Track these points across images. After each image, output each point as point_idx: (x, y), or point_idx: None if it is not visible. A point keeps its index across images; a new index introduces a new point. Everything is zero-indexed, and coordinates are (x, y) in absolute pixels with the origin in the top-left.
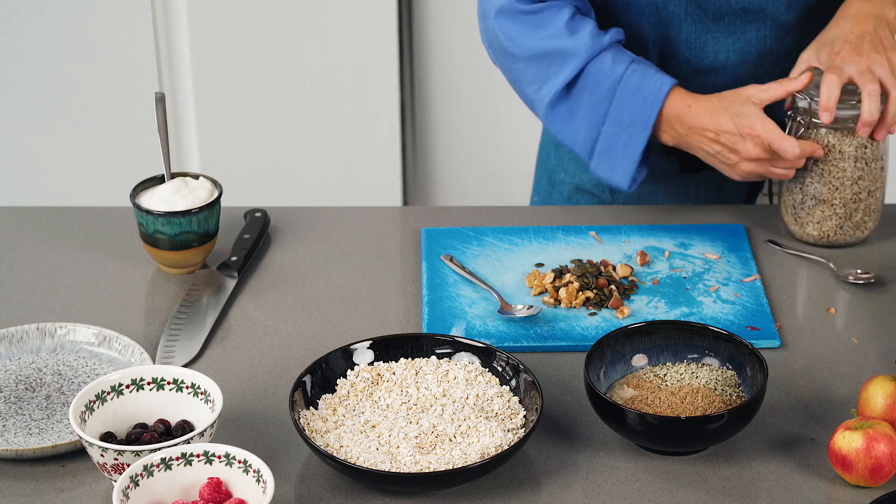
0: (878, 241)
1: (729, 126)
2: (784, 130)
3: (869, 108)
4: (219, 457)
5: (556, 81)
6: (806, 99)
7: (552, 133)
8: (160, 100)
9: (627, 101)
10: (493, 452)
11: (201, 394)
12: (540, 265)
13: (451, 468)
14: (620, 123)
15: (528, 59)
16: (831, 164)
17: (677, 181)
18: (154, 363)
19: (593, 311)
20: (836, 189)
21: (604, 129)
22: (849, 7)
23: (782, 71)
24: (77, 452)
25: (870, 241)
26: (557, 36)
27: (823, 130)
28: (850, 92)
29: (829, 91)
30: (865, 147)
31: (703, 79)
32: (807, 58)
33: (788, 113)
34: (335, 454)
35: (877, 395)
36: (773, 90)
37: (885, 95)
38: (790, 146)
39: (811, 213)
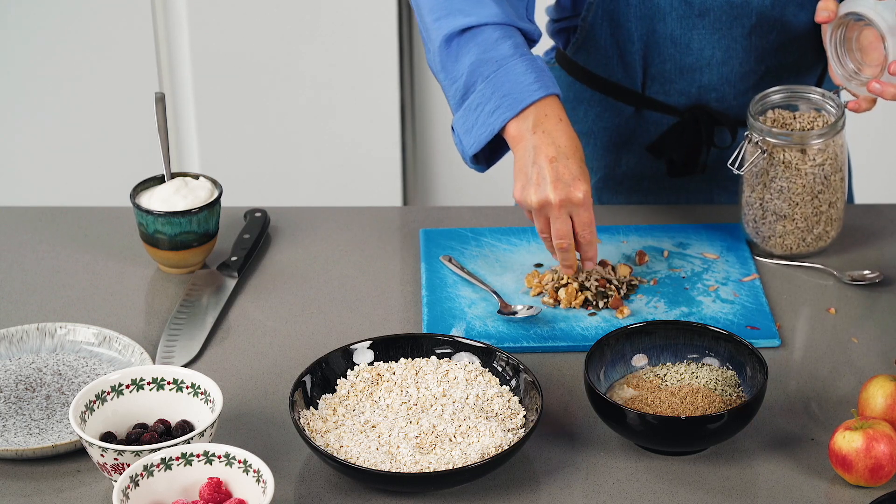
0: (878, 240)
1: (574, 168)
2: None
3: None
4: (219, 457)
5: (461, 21)
6: (759, 121)
7: (435, 69)
8: (160, 100)
9: (519, 74)
10: (493, 452)
11: (201, 394)
12: (539, 265)
13: (451, 468)
14: (497, 90)
15: None
16: (790, 180)
17: (667, 192)
18: (154, 363)
19: (593, 311)
20: (797, 205)
21: (479, 86)
22: None
23: (767, 68)
24: (77, 452)
25: (871, 241)
26: None
27: (781, 148)
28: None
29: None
30: (823, 164)
31: (688, 77)
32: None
33: (746, 133)
34: (335, 454)
35: (877, 395)
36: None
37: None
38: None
39: (772, 227)
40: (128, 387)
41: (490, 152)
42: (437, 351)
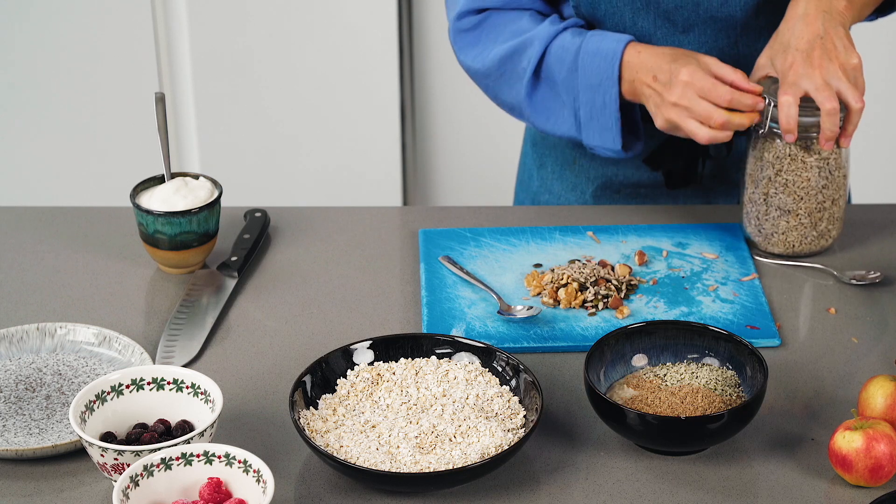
0: (878, 240)
1: (665, 68)
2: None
3: (830, 126)
4: (219, 457)
5: (526, 71)
6: (768, 108)
7: (539, 127)
8: (160, 100)
9: (590, 64)
10: (493, 452)
11: (201, 394)
12: (538, 266)
13: (451, 468)
14: (591, 88)
15: (496, 66)
16: (795, 173)
17: (664, 200)
18: (154, 363)
19: (593, 311)
20: (801, 199)
21: (581, 98)
22: (797, 5)
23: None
24: (77, 452)
25: (871, 241)
26: (515, 34)
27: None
28: (808, 99)
29: (788, 112)
30: (828, 158)
31: None
32: (763, 64)
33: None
34: (335, 454)
35: (877, 395)
36: (728, 69)
37: (842, 104)
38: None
39: (776, 223)
40: (128, 387)
41: (629, 132)
42: (437, 351)
